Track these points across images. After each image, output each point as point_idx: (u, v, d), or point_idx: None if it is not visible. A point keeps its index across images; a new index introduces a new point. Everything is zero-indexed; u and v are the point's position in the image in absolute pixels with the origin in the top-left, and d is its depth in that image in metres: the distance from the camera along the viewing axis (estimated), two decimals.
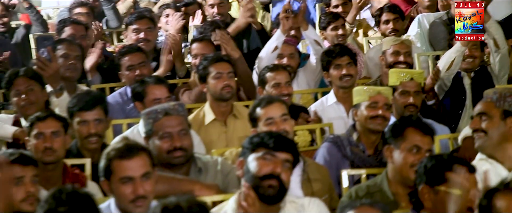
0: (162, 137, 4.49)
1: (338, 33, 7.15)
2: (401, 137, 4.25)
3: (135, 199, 3.77)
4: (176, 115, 4.57)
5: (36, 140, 4.61)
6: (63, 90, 5.77)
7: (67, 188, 3.38)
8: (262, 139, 3.88)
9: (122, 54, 6.36)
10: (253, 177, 3.81)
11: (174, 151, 4.49)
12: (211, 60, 5.68)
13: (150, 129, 4.52)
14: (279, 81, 5.66)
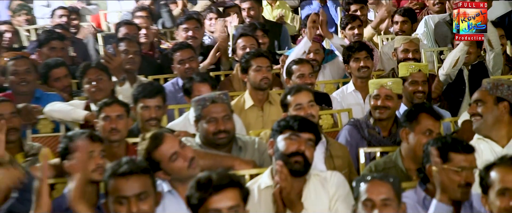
0: (209, 121, 4.47)
1: (354, 32, 7.14)
2: (415, 121, 4.25)
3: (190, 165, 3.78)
4: (221, 103, 4.55)
5: (104, 122, 4.60)
6: (125, 80, 5.78)
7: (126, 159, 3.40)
8: (288, 122, 3.87)
9: (174, 50, 6.35)
10: (282, 154, 3.80)
11: (218, 133, 4.47)
12: (252, 54, 5.65)
13: (199, 114, 4.51)
14: (303, 72, 5.60)
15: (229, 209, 3.11)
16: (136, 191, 3.28)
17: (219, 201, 3.10)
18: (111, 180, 3.32)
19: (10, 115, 4.72)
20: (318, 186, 3.86)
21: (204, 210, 3.11)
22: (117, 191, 3.29)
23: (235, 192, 3.15)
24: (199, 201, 3.12)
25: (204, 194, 3.11)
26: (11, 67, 5.74)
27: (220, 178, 3.14)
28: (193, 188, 3.14)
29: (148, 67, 6.82)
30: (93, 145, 3.88)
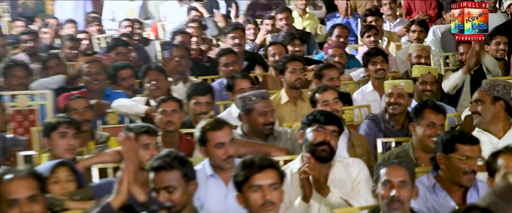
0: (260, 114, 4.49)
1: (371, 40, 7.11)
2: (420, 116, 4.22)
3: (226, 159, 3.77)
4: (267, 99, 4.60)
5: (161, 115, 4.61)
6: (178, 81, 5.79)
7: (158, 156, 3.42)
8: (315, 116, 3.87)
9: (220, 55, 6.35)
10: (310, 144, 3.80)
11: (268, 124, 4.51)
12: (288, 58, 5.65)
13: (250, 108, 4.51)
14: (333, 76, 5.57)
15: (269, 186, 3.12)
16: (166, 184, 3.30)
17: (261, 179, 3.11)
18: (150, 173, 3.35)
19: (84, 109, 4.76)
20: (342, 171, 3.85)
21: (248, 186, 3.11)
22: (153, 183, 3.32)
23: (274, 172, 3.16)
24: (244, 178, 3.12)
25: (248, 172, 3.11)
26: (86, 69, 5.79)
27: (262, 160, 3.16)
28: (239, 168, 3.15)
29: (198, 69, 6.83)
30: (150, 138, 3.87)
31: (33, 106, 5.54)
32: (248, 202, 3.12)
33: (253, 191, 3.10)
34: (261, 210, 3.10)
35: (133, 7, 9.42)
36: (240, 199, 3.17)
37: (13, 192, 3.02)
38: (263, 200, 3.09)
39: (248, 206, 3.13)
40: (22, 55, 7.25)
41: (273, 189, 3.12)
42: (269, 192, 3.10)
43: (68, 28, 8.45)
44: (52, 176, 3.54)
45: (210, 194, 3.75)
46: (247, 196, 3.12)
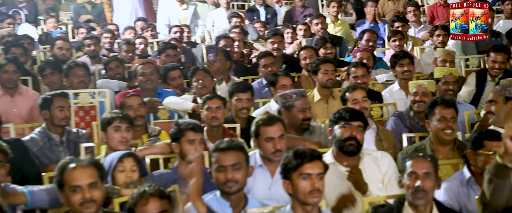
0: (300, 111, 4.49)
1: (396, 44, 7.01)
2: (433, 112, 4.19)
3: (274, 152, 3.74)
4: (306, 97, 4.60)
5: (207, 111, 4.60)
6: (222, 80, 5.78)
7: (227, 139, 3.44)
8: (341, 114, 3.83)
9: (260, 57, 6.34)
10: (338, 140, 3.76)
11: (307, 120, 4.50)
12: (321, 60, 5.59)
13: (290, 104, 4.51)
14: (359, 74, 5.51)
15: (317, 175, 3.11)
16: (231, 162, 3.30)
17: (311, 168, 3.11)
18: (215, 153, 3.34)
19: (138, 105, 4.77)
20: (371, 163, 3.80)
21: (298, 174, 3.10)
22: (218, 161, 3.31)
23: (321, 163, 3.15)
24: (295, 166, 3.11)
25: (300, 161, 3.10)
26: (140, 70, 5.82)
27: (312, 151, 3.16)
28: (291, 157, 3.14)
29: (240, 70, 6.83)
30: (195, 134, 3.87)
31: (94, 103, 5.60)
32: (296, 188, 3.11)
33: (303, 179, 3.10)
34: (309, 197, 3.09)
35: (186, 14, 9.51)
36: (287, 186, 3.15)
37: (76, 179, 3.04)
38: (312, 187, 3.08)
39: (295, 192, 3.12)
40: (84, 57, 7.34)
41: (320, 179, 3.11)
42: (317, 181, 3.10)
43: (127, 34, 8.53)
44: (119, 165, 3.57)
45: (257, 182, 3.75)
46: (296, 183, 3.11)
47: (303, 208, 3.13)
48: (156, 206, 2.98)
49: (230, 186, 3.28)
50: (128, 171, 3.57)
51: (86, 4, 10.51)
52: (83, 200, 3.02)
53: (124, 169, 3.57)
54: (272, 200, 3.66)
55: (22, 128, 5.17)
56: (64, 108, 4.74)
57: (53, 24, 9.69)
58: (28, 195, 3.37)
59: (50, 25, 9.68)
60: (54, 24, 9.71)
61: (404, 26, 7.79)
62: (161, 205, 2.99)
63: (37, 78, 6.41)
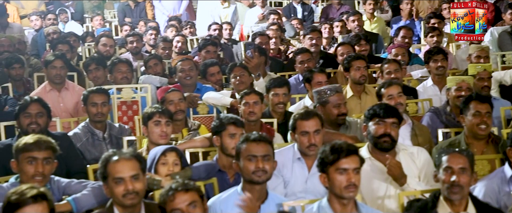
0: (335, 106, 4.46)
1: (433, 40, 6.84)
2: (467, 107, 4.12)
3: (309, 146, 3.72)
4: (340, 92, 4.57)
5: (244, 106, 4.59)
6: (260, 76, 5.78)
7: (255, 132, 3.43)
8: (375, 110, 3.76)
9: (296, 53, 6.32)
10: (373, 136, 3.70)
11: (341, 115, 4.48)
12: (353, 57, 5.52)
13: (325, 100, 4.48)
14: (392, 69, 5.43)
15: (354, 170, 3.08)
16: (262, 153, 3.29)
17: (347, 163, 3.07)
18: (244, 144, 3.32)
19: (178, 100, 4.78)
20: (407, 158, 3.75)
21: (335, 168, 3.07)
22: (248, 151, 3.30)
23: (358, 158, 3.12)
24: (331, 161, 3.08)
25: (337, 156, 3.07)
26: (180, 66, 5.86)
27: (349, 146, 3.12)
28: (328, 151, 3.10)
29: (276, 66, 6.82)
30: (236, 129, 3.86)
31: (136, 98, 5.65)
32: (333, 182, 3.08)
33: (339, 173, 3.07)
34: (345, 192, 3.06)
35: (227, 12, 9.62)
36: (324, 179, 3.13)
37: (119, 171, 3.07)
38: (348, 182, 3.05)
39: (332, 186, 3.10)
40: (127, 54, 7.42)
41: (356, 173, 3.08)
42: (353, 176, 3.06)
43: (169, 31, 8.60)
44: (161, 158, 3.59)
45: (294, 175, 3.74)
46: (332, 177, 3.08)
47: (340, 201, 3.11)
48: (183, 200, 2.96)
49: (259, 175, 3.27)
50: (171, 165, 3.59)
51: (130, 2, 10.63)
52: (126, 192, 3.05)
53: (167, 162, 3.59)
54: (308, 193, 3.65)
55: (68, 122, 5.26)
56: (97, 105, 4.74)
57: (99, 22, 9.85)
58: (72, 203, 3.37)
59: (96, 23, 9.84)
60: (100, 22, 9.87)
61: (440, 22, 7.65)
62: (189, 198, 2.97)
63: (82, 73, 6.51)
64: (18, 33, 8.45)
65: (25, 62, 6.53)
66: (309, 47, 6.78)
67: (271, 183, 3.63)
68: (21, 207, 2.77)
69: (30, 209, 2.77)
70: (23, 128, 4.29)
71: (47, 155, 3.42)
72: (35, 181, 3.29)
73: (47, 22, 9.33)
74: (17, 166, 3.45)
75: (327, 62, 6.76)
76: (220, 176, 3.77)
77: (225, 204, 3.31)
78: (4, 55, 6.76)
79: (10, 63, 6.22)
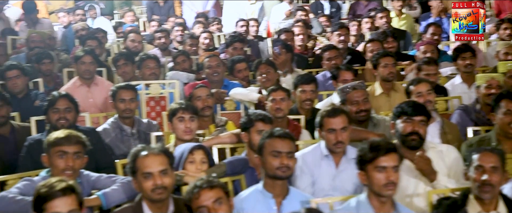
0: (352, 104, 4.41)
1: None
2: (498, 105, 4.07)
3: (336, 143, 3.70)
4: (359, 89, 4.49)
5: (271, 103, 4.59)
6: (287, 73, 5.77)
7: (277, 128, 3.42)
8: (403, 108, 3.71)
9: (324, 50, 6.30)
10: (400, 134, 3.66)
11: (360, 112, 4.41)
12: (381, 54, 5.48)
13: (344, 99, 4.45)
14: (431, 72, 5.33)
15: (393, 168, 3.06)
16: (286, 149, 3.29)
17: (386, 161, 3.05)
18: (268, 140, 3.32)
19: (206, 96, 4.78)
20: (436, 156, 3.69)
21: (373, 166, 3.05)
22: (273, 147, 3.29)
23: (397, 156, 3.09)
24: (370, 159, 3.06)
25: (375, 154, 3.05)
26: (207, 63, 5.87)
27: (387, 144, 3.10)
28: (366, 149, 3.09)
29: (303, 63, 6.80)
30: (264, 125, 3.86)
31: (164, 93, 5.69)
32: (371, 180, 3.06)
33: (378, 171, 3.05)
34: (383, 190, 3.04)
35: (253, 8, 9.64)
36: (362, 177, 3.11)
37: (147, 166, 3.09)
38: (387, 180, 3.03)
39: (371, 184, 3.08)
40: (155, 50, 7.47)
41: (395, 171, 3.05)
42: (392, 174, 3.04)
43: (196, 28, 8.64)
44: (189, 157, 3.58)
45: (322, 172, 3.72)
46: (371, 175, 3.06)
47: (378, 199, 3.08)
48: (209, 197, 2.95)
49: (283, 170, 3.26)
50: (198, 163, 3.58)
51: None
52: (155, 186, 3.07)
53: (194, 160, 3.58)
54: (336, 191, 3.63)
55: (97, 117, 5.31)
56: (125, 100, 4.77)
57: (131, 17, 9.93)
58: (102, 198, 3.40)
59: (128, 18, 9.92)
60: (132, 18, 9.94)
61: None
62: (214, 194, 2.96)
63: (111, 69, 6.57)
64: (48, 29, 8.55)
65: (55, 58, 6.61)
66: (337, 43, 6.75)
67: (301, 183, 3.63)
68: (50, 199, 2.80)
69: (59, 202, 2.81)
70: (52, 123, 4.35)
71: (77, 149, 3.46)
72: (65, 175, 3.32)
73: (76, 18, 9.44)
74: (48, 160, 3.49)
75: (355, 59, 6.72)
76: (249, 172, 3.77)
77: (247, 201, 3.31)
78: (35, 50, 6.85)
79: (41, 58, 6.30)
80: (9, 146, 4.69)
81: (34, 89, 5.93)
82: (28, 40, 7.33)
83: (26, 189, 3.36)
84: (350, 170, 3.67)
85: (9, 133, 4.76)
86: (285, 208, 3.26)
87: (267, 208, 3.27)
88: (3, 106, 4.71)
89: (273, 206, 3.28)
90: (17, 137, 4.72)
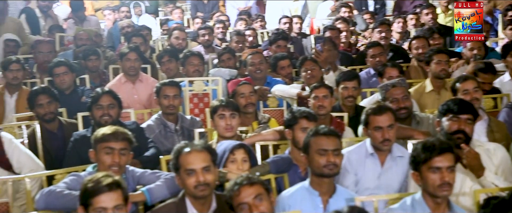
0: (392, 101, 4.36)
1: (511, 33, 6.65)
2: None
3: (383, 141, 3.66)
4: (399, 86, 4.44)
5: (314, 100, 4.58)
6: (330, 70, 5.73)
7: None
8: (449, 106, 3.64)
9: (368, 47, 6.24)
10: (446, 133, 3.59)
11: (400, 110, 4.35)
12: (435, 51, 5.40)
13: (384, 96, 4.41)
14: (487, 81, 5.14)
15: (447, 168, 2.99)
16: (333, 147, 3.27)
17: (441, 161, 2.99)
18: (313, 138, 3.30)
19: (249, 93, 4.78)
20: (483, 155, 3.61)
21: (427, 167, 3.00)
22: (319, 145, 3.27)
23: (452, 156, 3.03)
24: (424, 159, 3.00)
25: (429, 155, 2.99)
26: (250, 60, 5.88)
27: (442, 143, 3.03)
28: (420, 149, 3.03)
29: (347, 60, 6.74)
30: (308, 123, 3.83)
31: (207, 90, 5.72)
32: (425, 181, 3.01)
33: (432, 172, 2.99)
34: (438, 191, 2.99)
35: (297, 5, 9.63)
36: (416, 178, 3.06)
37: (190, 163, 3.11)
38: (441, 181, 2.97)
39: (425, 185, 3.02)
40: (199, 47, 7.52)
41: (450, 172, 2.99)
42: (447, 174, 2.98)
43: (239, 25, 8.66)
44: (230, 157, 3.58)
45: (366, 171, 3.69)
46: (425, 176, 3.00)
47: (433, 200, 3.03)
48: (249, 193, 2.95)
49: (330, 168, 3.24)
50: (240, 163, 3.58)
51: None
52: (197, 183, 3.09)
53: (236, 160, 3.58)
54: (381, 189, 3.60)
55: (141, 113, 5.38)
56: (169, 97, 4.79)
57: (178, 14, 10.02)
58: (146, 193, 3.43)
59: (176, 16, 10.00)
60: (179, 15, 10.03)
61: None
62: (255, 191, 2.96)
63: (155, 66, 6.65)
64: (95, 26, 8.70)
65: (101, 54, 6.72)
66: (379, 40, 6.68)
67: (344, 181, 3.60)
68: (97, 194, 2.85)
69: (105, 197, 2.85)
70: (96, 119, 4.42)
71: (123, 146, 3.51)
72: (112, 171, 3.36)
73: (121, 15, 9.58)
74: (95, 156, 3.54)
75: (397, 55, 6.64)
76: (292, 170, 3.76)
77: (293, 199, 3.30)
78: (82, 47, 6.99)
79: (87, 55, 6.42)
80: (57, 142, 4.79)
81: (80, 85, 6.04)
82: (76, 37, 7.47)
83: (73, 184, 3.42)
84: (395, 168, 3.63)
85: (57, 129, 4.86)
86: (331, 206, 3.24)
87: (313, 206, 3.26)
88: (51, 102, 4.81)
89: (319, 204, 3.27)
90: (65, 133, 4.81)
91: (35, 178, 3.95)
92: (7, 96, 5.67)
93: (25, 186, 3.86)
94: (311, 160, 3.30)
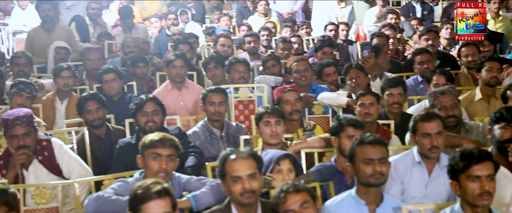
0: (440, 109, 4.29)
1: None
2: None
3: (431, 148, 3.58)
4: (449, 94, 4.38)
5: (360, 108, 4.55)
6: (376, 77, 5.68)
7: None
8: (502, 114, 3.58)
9: (415, 54, 6.17)
10: (497, 141, 3.53)
11: (448, 118, 4.28)
12: (487, 58, 5.30)
13: (432, 104, 4.35)
14: None
15: (487, 177, 2.94)
16: (378, 156, 3.23)
17: (480, 170, 2.94)
18: (359, 147, 3.27)
19: (294, 100, 4.78)
20: None
21: (466, 176, 2.95)
22: (364, 154, 3.24)
23: (491, 164, 2.97)
24: (462, 168, 2.96)
25: (468, 163, 2.94)
26: (295, 67, 5.88)
27: (481, 152, 2.97)
28: (458, 158, 2.98)
29: (394, 67, 6.66)
30: (355, 131, 3.81)
31: (252, 97, 5.74)
32: (464, 190, 2.96)
33: (471, 181, 2.94)
34: (478, 200, 2.94)
35: (344, 12, 9.60)
36: (455, 187, 3.01)
37: (236, 170, 3.13)
38: (481, 190, 2.92)
39: (464, 194, 2.97)
40: (244, 54, 7.55)
41: (490, 180, 2.94)
42: (486, 183, 2.93)
43: (284, 32, 8.66)
44: (276, 167, 3.57)
45: (413, 180, 3.63)
46: (464, 185, 2.96)
47: (473, 210, 2.98)
48: (295, 201, 2.95)
49: (377, 177, 3.21)
50: (285, 173, 3.56)
51: (248, 2, 10.81)
52: (243, 190, 3.10)
53: (281, 170, 3.57)
54: (428, 199, 3.54)
55: (187, 120, 5.43)
56: (215, 104, 4.81)
57: (226, 22, 10.09)
58: (192, 200, 3.45)
59: (223, 23, 10.08)
60: (227, 22, 10.09)
61: None
62: (301, 198, 2.95)
63: (201, 73, 6.70)
64: (143, 34, 8.83)
65: (149, 61, 6.82)
66: (425, 47, 6.57)
67: (391, 190, 3.55)
68: (146, 201, 2.86)
69: (154, 204, 2.86)
70: (141, 126, 4.47)
71: (170, 152, 3.53)
72: (159, 177, 3.40)
73: (168, 22, 9.69)
74: (142, 162, 3.58)
75: (445, 62, 6.52)
76: (338, 177, 3.74)
77: (339, 207, 3.27)
78: (129, 55, 7.10)
79: (136, 62, 6.52)
80: (105, 148, 4.87)
81: (128, 92, 6.13)
82: (124, 44, 7.59)
83: (121, 189, 3.47)
84: (443, 177, 3.56)
85: (105, 135, 4.94)
86: None
87: None
88: (100, 108, 4.90)
89: None
90: (112, 139, 4.89)
91: (84, 183, 4.03)
92: (58, 103, 5.80)
93: (74, 191, 3.94)
94: (357, 169, 3.27)
